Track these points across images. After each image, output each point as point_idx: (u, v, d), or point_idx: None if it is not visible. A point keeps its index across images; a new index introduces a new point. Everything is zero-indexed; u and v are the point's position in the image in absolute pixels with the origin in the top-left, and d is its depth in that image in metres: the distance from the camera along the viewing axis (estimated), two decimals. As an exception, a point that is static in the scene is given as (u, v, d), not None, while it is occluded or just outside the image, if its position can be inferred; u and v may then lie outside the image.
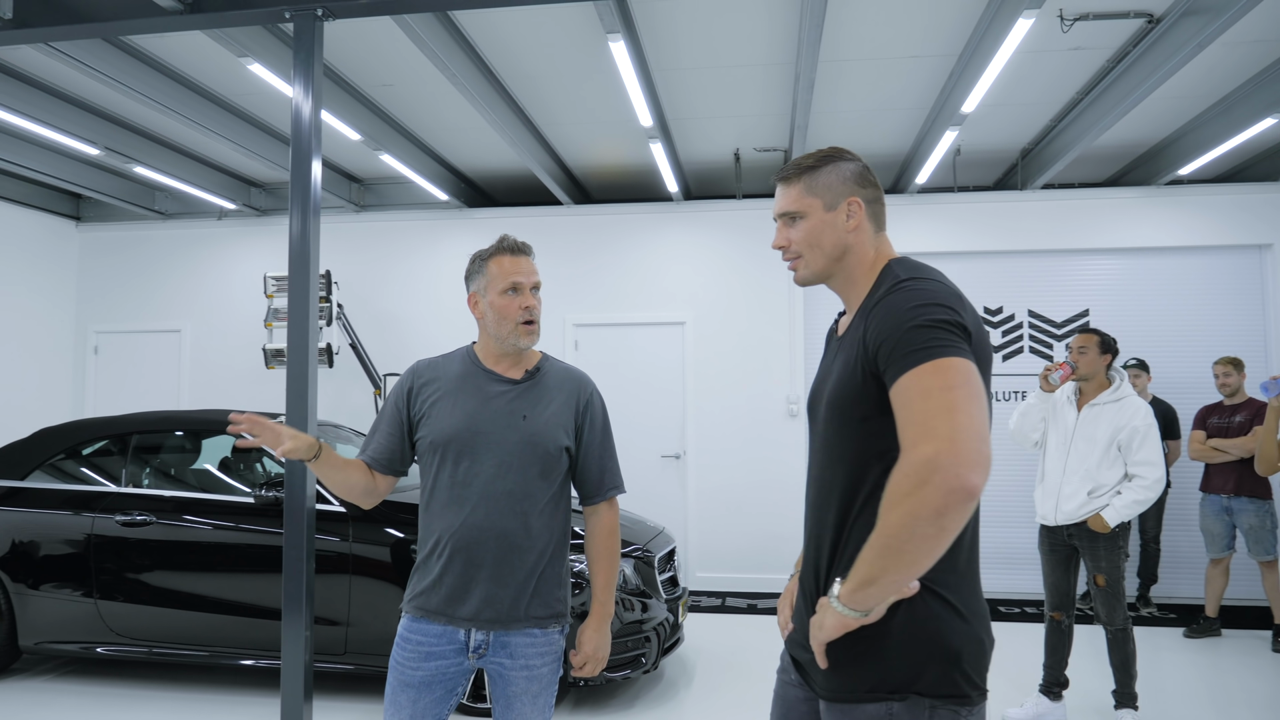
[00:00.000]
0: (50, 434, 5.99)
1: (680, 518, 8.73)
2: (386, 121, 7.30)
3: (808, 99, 6.33)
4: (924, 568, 1.64)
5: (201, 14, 4.60)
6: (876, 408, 1.76)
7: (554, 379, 2.71)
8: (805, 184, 2.01)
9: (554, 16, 5.51)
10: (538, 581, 2.58)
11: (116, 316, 9.72)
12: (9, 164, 7.73)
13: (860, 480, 1.81)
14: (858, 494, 1.82)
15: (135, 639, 5.42)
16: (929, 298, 1.76)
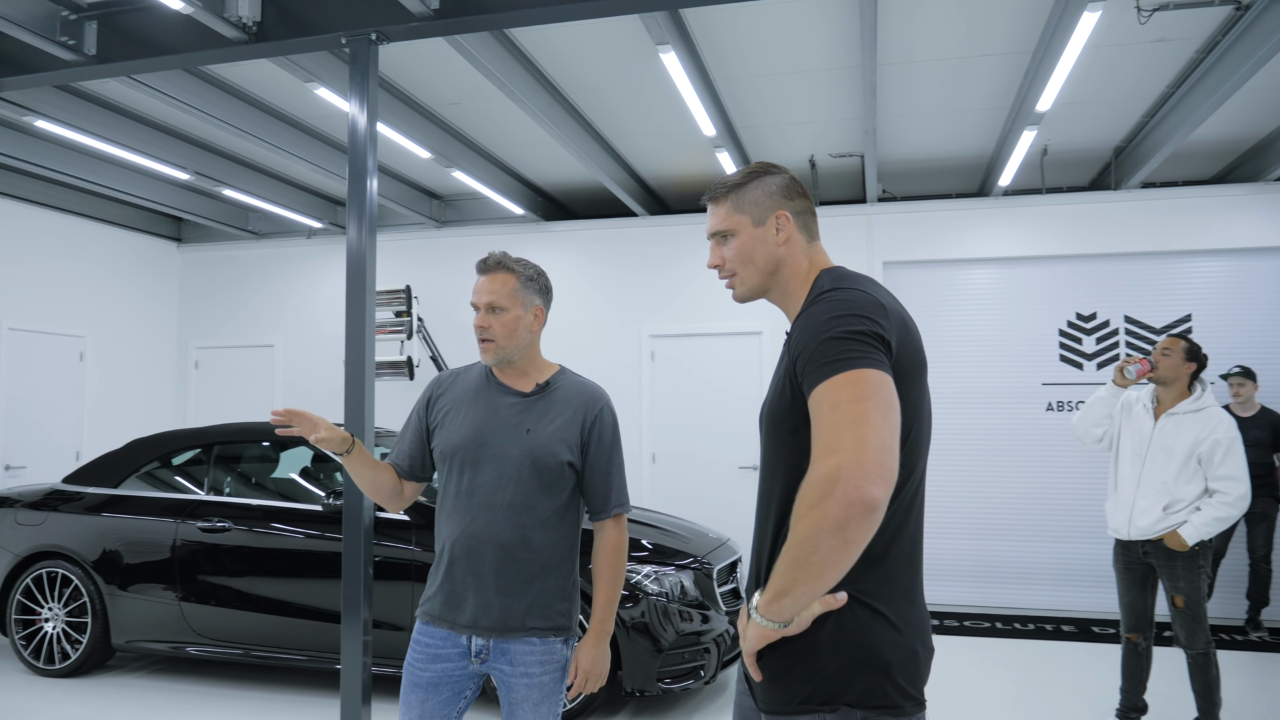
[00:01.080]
0: (141, 444, 6.39)
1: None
2: (458, 138, 7.55)
3: (872, 103, 6.31)
4: (833, 579, 1.65)
5: (265, 42, 4.89)
6: (805, 420, 1.77)
7: (565, 394, 2.75)
8: (733, 202, 2.04)
9: (608, 29, 5.64)
10: (538, 593, 2.64)
11: (215, 333, 10.28)
12: (114, 191, 8.31)
13: (794, 492, 1.81)
14: (791, 506, 1.85)
15: (215, 640, 5.74)
16: (846, 308, 1.78)
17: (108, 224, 9.48)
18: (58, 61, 5.17)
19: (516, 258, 2.77)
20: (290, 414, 2.57)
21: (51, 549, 6.04)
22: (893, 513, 1.79)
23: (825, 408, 1.67)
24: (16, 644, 6.09)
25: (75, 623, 6.00)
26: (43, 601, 6.06)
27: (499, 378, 2.77)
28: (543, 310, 2.77)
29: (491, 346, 2.69)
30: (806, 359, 1.75)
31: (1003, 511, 8.35)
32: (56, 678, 6.01)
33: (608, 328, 9.23)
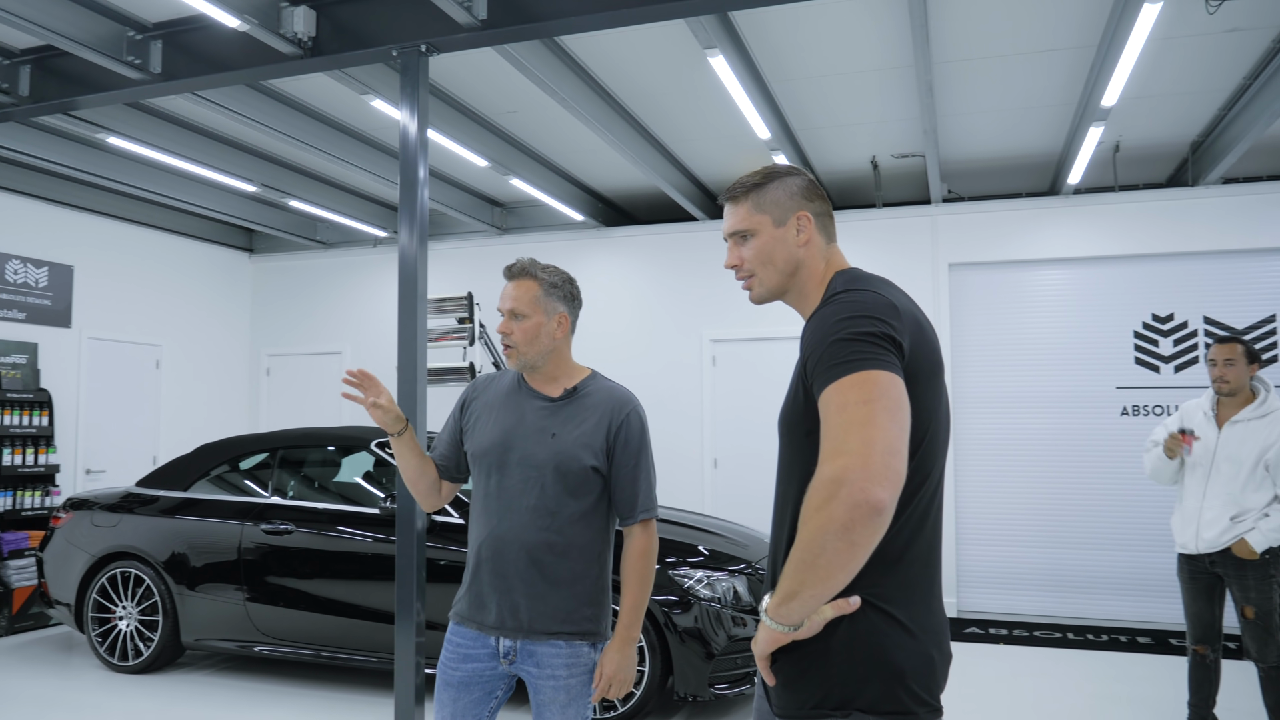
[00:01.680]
0: (209, 449, 6.65)
1: (822, 537, 8.67)
2: (515, 146, 7.69)
3: (929, 102, 6.26)
4: (841, 581, 1.66)
5: (320, 56, 5.07)
6: (818, 422, 1.76)
7: (594, 399, 2.78)
8: (753, 201, 2.04)
9: (658, 33, 5.69)
10: (564, 597, 2.68)
11: (285, 340, 10.60)
12: (188, 204, 8.66)
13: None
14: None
15: (279, 639, 5.94)
16: (857, 310, 1.77)
17: (182, 236, 9.86)
18: (125, 80, 5.43)
19: (544, 265, 2.82)
20: (362, 375, 2.68)
21: (125, 550, 6.31)
22: (908, 515, 1.78)
23: (833, 409, 1.68)
24: (93, 641, 6.37)
25: (147, 621, 6.25)
26: (117, 600, 6.33)
27: (529, 383, 2.83)
28: (567, 317, 2.81)
29: (513, 352, 2.76)
30: (816, 361, 1.75)
31: (1076, 519, 8.17)
32: (130, 674, 6.28)
33: (669, 333, 9.28)
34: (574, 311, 2.85)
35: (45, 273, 8.31)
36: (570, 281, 2.85)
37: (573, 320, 2.84)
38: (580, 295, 2.88)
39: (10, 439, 7.60)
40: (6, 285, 7.98)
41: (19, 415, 7.67)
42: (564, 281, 2.82)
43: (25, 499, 7.67)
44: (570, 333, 2.83)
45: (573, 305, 2.84)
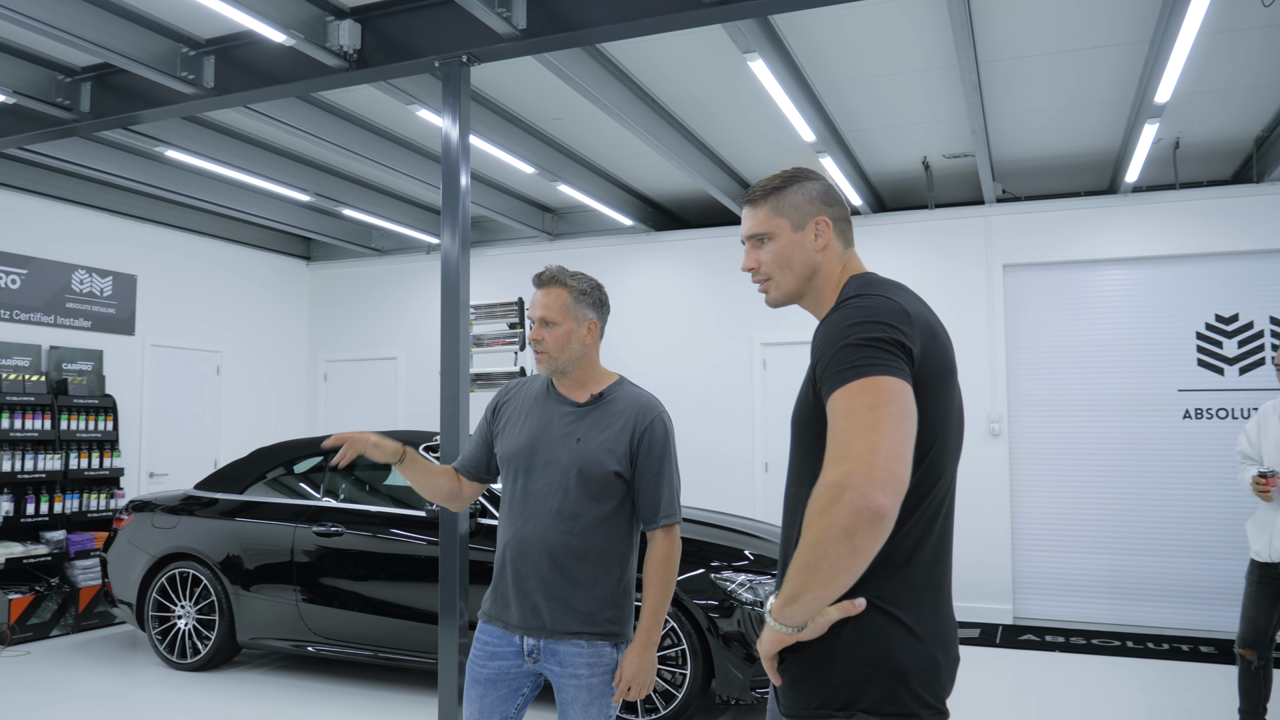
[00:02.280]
0: (263, 453, 6.86)
1: (874, 543, 8.64)
2: (562, 152, 7.80)
3: (976, 101, 6.22)
4: (843, 585, 1.68)
5: (365, 69, 5.22)
6: (827, 425, 1.79)
7: (619, 405, 2.85)
8: (772, 205, 2.06)
9: (698, 38, 5.75)
10: (585, 599, 2.75)
11: (342, 346, 10.86)
12: (245, 214, 8.95)
13: None
14: None
15: (329, 639, 6.10)
16: (866, 315, 1.79)
17: (242, 245, 10.17)
18: (179, 95, 5.64)
19: (573, 272, 2.89)
20: (339, 439, 2.76)
21: (183, 551, 6.53)
22: (916, 519, 1.81)
23: (839, 414, 1.70)
24: (153, 639, 6.61)
25: (205, 620, 6.47)
26: (176, 600, 6.56)
27: (557, 388, 2.91)
28: (596, 324, 2.87)
29: (545, 358, 2.83)
30: (825, 365, 1.78)
31: (1136, 524, 8.03)
32: (189, 671, 6.50)
33: (719, 336, 9.32)
34: (603, 318, 2.92)
35: (110, 282, 8.64)
36: (599, 288, 2.93)
37: (602, 326, 2.91)
38: (608, 302, 2.96)
39: (77, 443, 7.91)
40: (73, 295, 8.31)
41: (85, 420, 7.98)
42: (593, 288, 2.90)
43: (91, 501, 7.98)
44: (599, 338, 2.90)
45: (601, 311, 2.91)
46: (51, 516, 7.70)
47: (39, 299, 8.04)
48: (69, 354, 8.18)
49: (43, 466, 7.60)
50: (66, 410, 7.86)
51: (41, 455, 7.60)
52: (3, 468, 7.33)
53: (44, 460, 7.61)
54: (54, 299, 8.15)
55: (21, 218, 7.97)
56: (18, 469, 7.43)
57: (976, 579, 8.27)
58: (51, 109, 5.91)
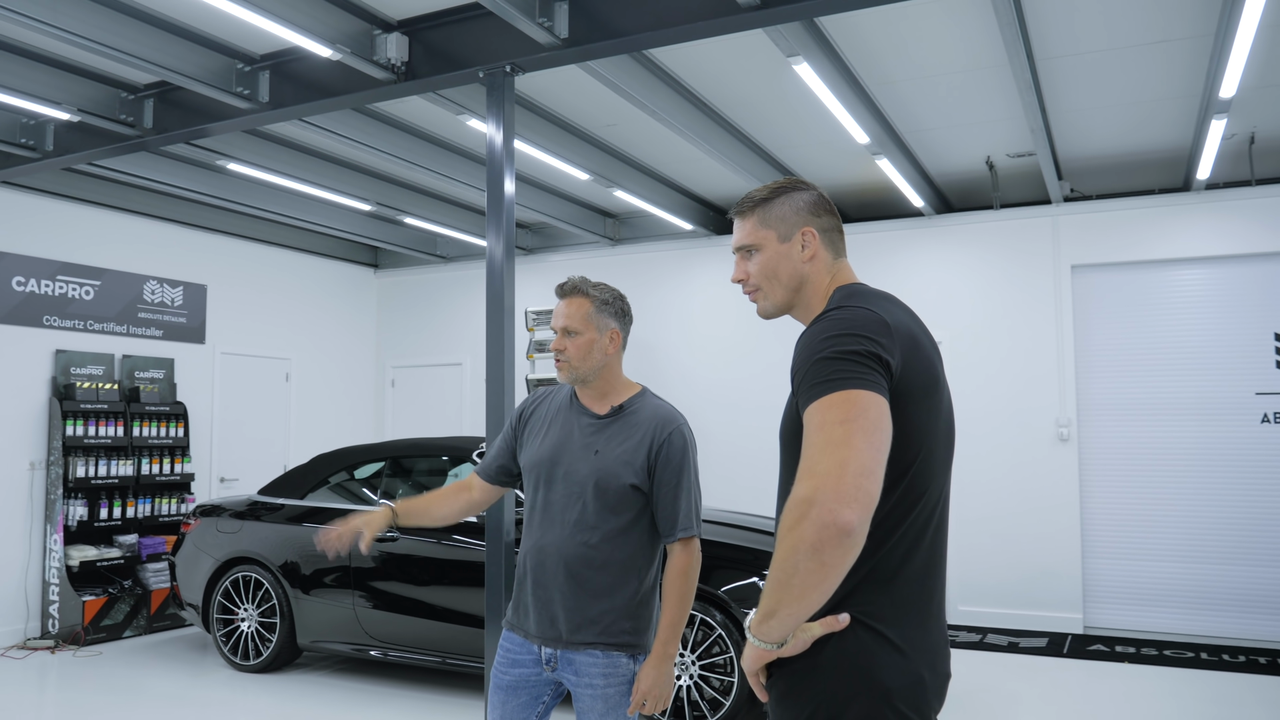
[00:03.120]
0: (324, 459, 7.02)
1: (938, 550, 8.51)
2: (618, 158, 7.84)
3: (1033, 99, 6.09)
4: (815, 601, 1.67)
5: (412, 80, 5.32)
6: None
7: (639, 417, 2.86)
8: (759, 217, 2.08)
9: (745, 41, 5.73)
10: (602, 610, 2.76)
11: (409, 352, 11.07)
12: (312, 224, 9.19)
13: None
14: None
15: (386, 643, 6.23)
16: (843, 327, 1.79)
17: (310, 254, 10.43)
18: (236, 110, 5.82)
19: (596, 282, 2.93)
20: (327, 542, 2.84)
21: (246, 555, 6.73)
22: (903, 534, 1.81)
23: (812, 428, 1.70)
24: (218, 641, 6.82)
25: (267, 623, 6.65)
26: (239, 603, 6.76)
27: (580, 399, 2.94)
28: (619, 333, 2.90)
29: (566, 367, 2.87)
30: (801, 378, 1.79)
31: (1211, 532, 7.76)
32: (251, 672, 6.69)
33: (776, 337, 9.25)
34: (625, 327, 2.94)
35: (181, 292, 8.94)
36: (621, 298, 2.96)
37: (624, 336, 2.93)
38: (631, 312, 2.99)
39: (148, 449, 8.20)
40: (145, 305, 8.62)
41: (157, 427, 8.27)
42: (615, 298, 2.93)
43: (162, 506, 8.26)
44: (622, 349, 2.93)
45: (624, 321, 2.94)
46: (124, 521, 8.00)
47: (112, 309, 8.35)
48: (141, 362, 8.48)
49: (116, 472, 7.89)
50: (139, 417, 8.15)
51: (115, 461, 7.90)
52: (77, 473, 7.64)
53: (117, 466, 7.90)
54: (126, 309, 8.46)
55: (94, 231, 8.29)
56: (92, 474, 7.73)
57: (1045, 587, 8.09)
58: (117, 125, 6.14)
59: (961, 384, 8.53)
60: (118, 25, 5.07)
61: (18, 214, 7.75)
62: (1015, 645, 7.57)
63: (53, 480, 7.69)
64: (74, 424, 7.69)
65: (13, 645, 7.47)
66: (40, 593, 7.68)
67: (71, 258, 8.08)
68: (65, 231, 8.07)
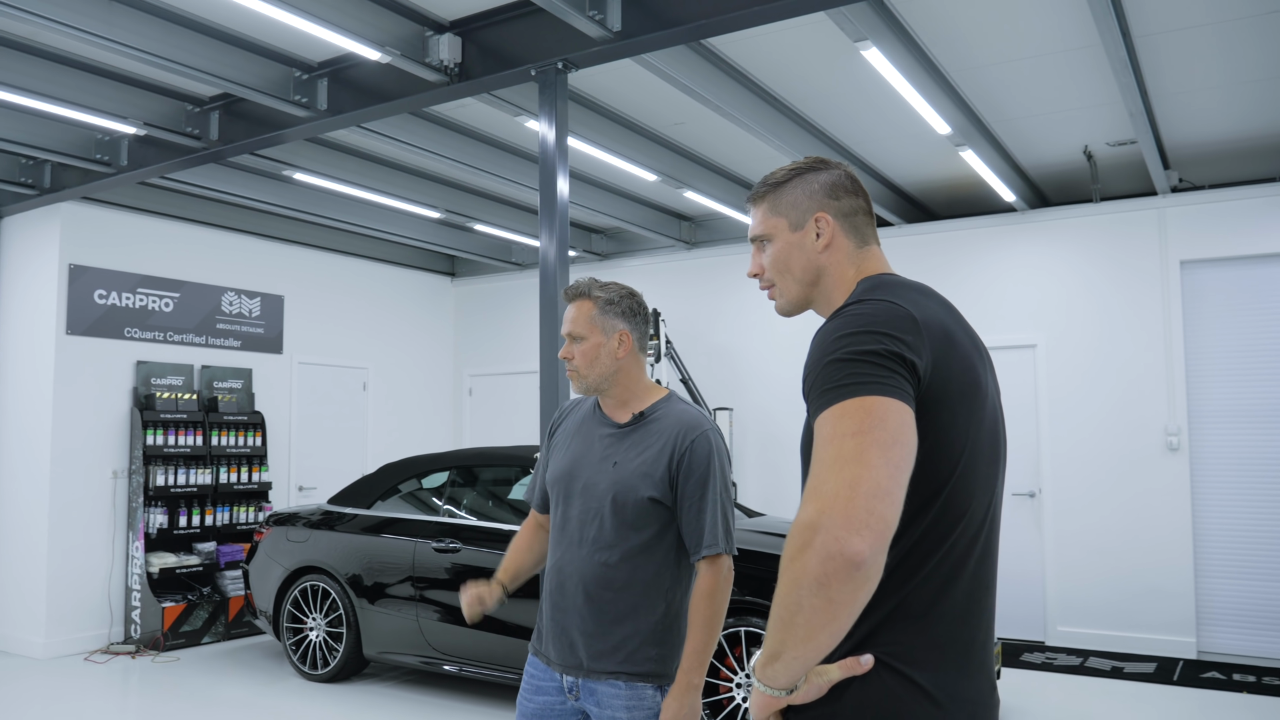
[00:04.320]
0: (390, 468, 7.05)
1: (1036, 563, 8.13)
2: (688, 158, 7.71)
3: (1130, 81, 5.73)
4: (824, 642, 1.47)
5: (465, 81, 5.29)
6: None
7: (661, 424, 2.68)
8: (770, 203, 1.89)
9: (811, 28, 5.54)
10: (624, 636, 2.59)
11: (486, 360, 11.12)
12: (388, 233, 9.32)
13: None
14: None
15: (449, 655, 6.19)
16: (861, 324, 1.58)
17: (386, 263, 10.56)
18: (295, 119, 5.88)
19: (604, 283, 2.79)
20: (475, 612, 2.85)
21: (313, 565, 6.79)
22: (938, 563, 1.59)
23: (821, 441, 1.50)
24: (288, 649, 6.90)
25: (334, 633, 6.69)
26: (308, 612, 6.82)
27: (601, 407, 2.79)
28: (629, 334, 2.73)
29: (575, 376, 2.72)
30: (811, 384, 1.59)
31: (1342, 551, 7.23)
32: (320, 682, 6.74)
33: (864, 345, 9.00)
34: (637, 327, 2.77)
35: (258, 303, 9.13)
36: (630, 296, 2.79)
37: (637, 337, 2.76)
38: (645, 310, 2.81)
39: (227, 458, 8.38)
40: (224, 316, 8.82)
41: (235, 436, 8.44)
42: (621, 297, 2.76)
43: (240, 514, 8.43)
44: (638, 350, 2.76)
45: (634, 320, 2.77)
46: (203, 529, 8.18)
47: (191, 321, 8.56)
48: (220, 373, 8.68)
49: (195, 481, 8.08)
50: (217, 427, 8.33)
51: (194, 470, 8.09)
52: (157, 482, 7.84)
53: (196, 475, 8.09)
54: (205, 320, 8.67)
55: (173, 244, 8.52)
56: (171, 483, 7.92)
57: (1153, 607, 7.64)
58: (184, 139, 6.28)
59: (1060, 391, 8.14)
60: (179, 39, 5.19)
61: (99, 229, 8.01)
62: (1120, 670, 7.15)
63: (134, 489, 7.91)
64: (154, 433, 7.91)
65: (96, 649, 7.70)
66: (123, 598, 7.91)
67: (151, 271, 8.32)
68: (145, 245, 8.31)
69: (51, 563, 7.56)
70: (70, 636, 7.64)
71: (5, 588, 7.88)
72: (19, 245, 8.09)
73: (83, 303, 7.81)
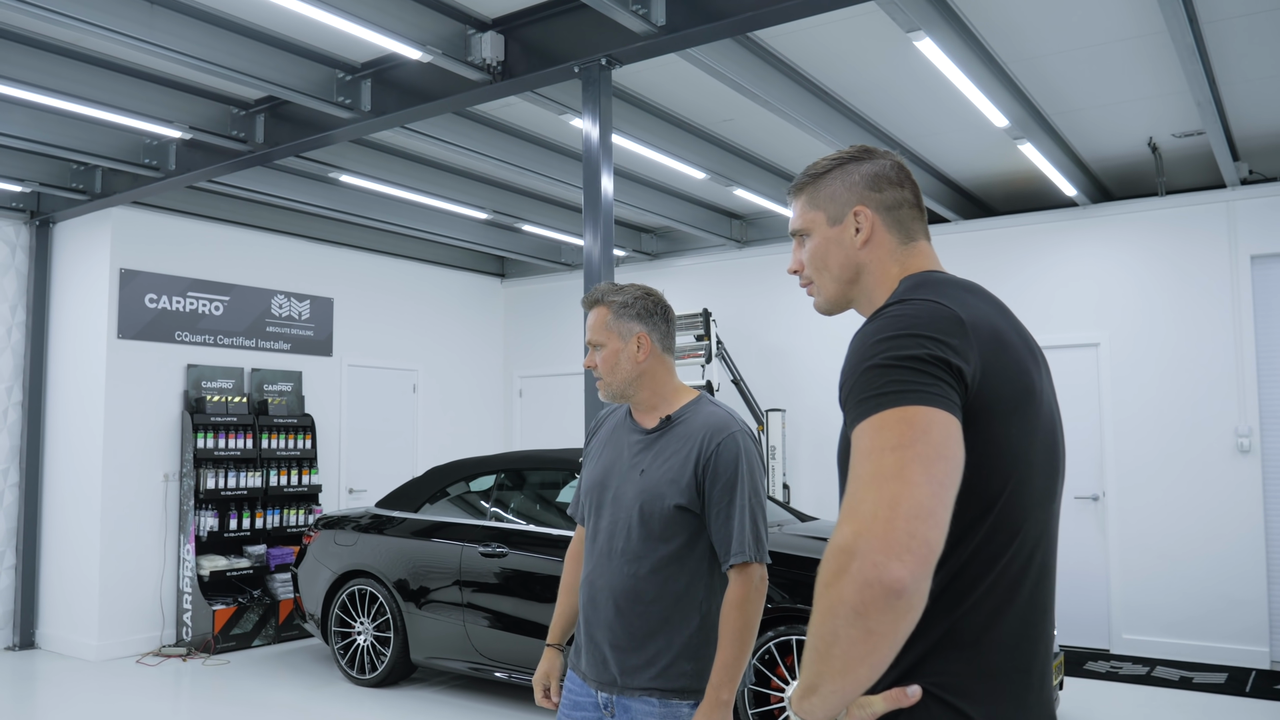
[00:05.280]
0: (437, 472, 7.02)
1: (1100, 569, 7.88)
2: (738, 155, 7.59)
3: (1197, 69, 5.51)
4: (864, 676, 1.35)
5: (508, 80, 5.23)
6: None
7: (688, 428, 2.58)
8: (809, 196, 1.78)
9: (865, 18, 5.40)
10: (656, 650, 2.50)
11: (536, 362, 11.09)
12: (436, 235, 9.33)
13: None
14: None
15: (496, 661, 6.14)
16: (902, 326, 1.46)
17: (435, 265, 10.57)
18: (339, 120, 5.86)
19: (620, 286, 2.70)
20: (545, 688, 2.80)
21: (361, 568, 6.78)
22: (989, 587, 1.47)
23: (859, 456, 1.38)
24: (336, 653, 6.89)
25: (382, 637, 6.68)
26: (356, 616, 6.81)
27: (633, 413, 2.72)
28: (647, 336, 2.63)
29: (600, 385, 2.67)
30: (848, 392, 1.48)
31: None
32: (368, 687, 6.73)
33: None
34: (656, 328, 2.66)
35: (307, 305, 9.17)
36: (646, 296, 2.68)
37: (657, 338, 2.66)
38: (663, 310, 2.70)
39: (277, 461, 8.41)
40: (273, 319, 8.87)
41: (285, 439, 8.48)
42: (636, 298, 2.66)
43: (290, 517, 8.47)
44: (660, 351, 2.66)
45: (651, 321, 2.66)
46: (253, 531, 8.23)
47: (241, 324, 8.62)
48: (269, 375, 8.73)
49: (245, 484, 8.13)
50: (267, 430, 8.38)
51: (244, 473, 8.13)
52: (208, 485, 7.89)
53: (246, 478, 8.13)
54: (255, 323, 8.72)
55: (222, 247, 8.58)
56: (222, 486, 7.98)
57: (1224, 615, 7.36)
58: (230, 142, 6.30)
59: (1124, 391, 7.89)
60: (222, 42, 5.19)
61: (149, 233, 8.09)
62: (1189, 680, 6.89)
63: (185, 492, 7.97)
64: (204, 436, 7.96)
65: (148, 652, 7.77)
66: (174, 601, 7.98)
67: (201, 274, 8.39)
68: (195, 249, 8.38)
69: (104, 566, 7.65)
70: (122, 639, 7.72)
71: (59, 591, 7.98)
72: (71, 250, 8.19)
73: (134, 307, 7.89)
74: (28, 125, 6.33)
